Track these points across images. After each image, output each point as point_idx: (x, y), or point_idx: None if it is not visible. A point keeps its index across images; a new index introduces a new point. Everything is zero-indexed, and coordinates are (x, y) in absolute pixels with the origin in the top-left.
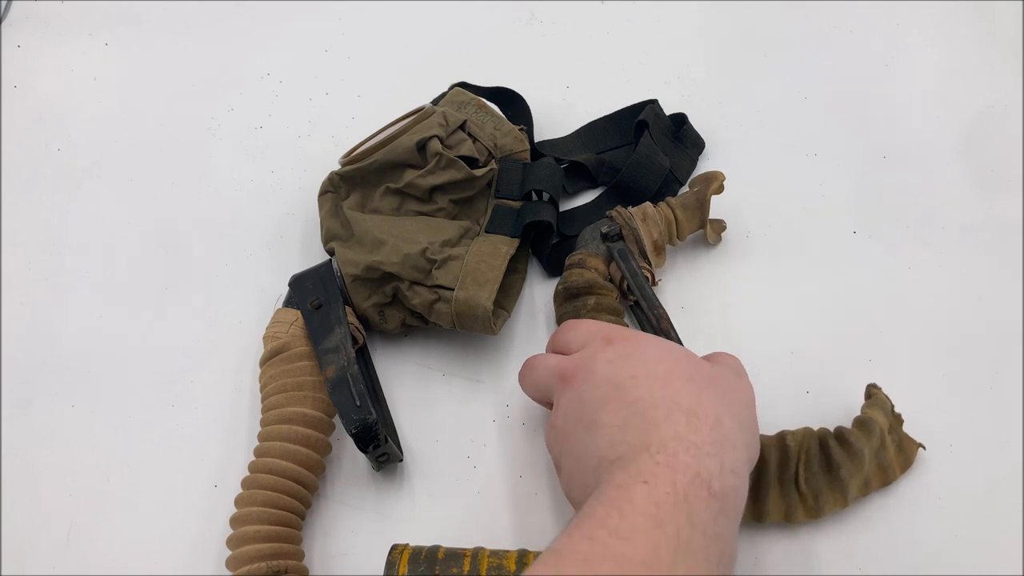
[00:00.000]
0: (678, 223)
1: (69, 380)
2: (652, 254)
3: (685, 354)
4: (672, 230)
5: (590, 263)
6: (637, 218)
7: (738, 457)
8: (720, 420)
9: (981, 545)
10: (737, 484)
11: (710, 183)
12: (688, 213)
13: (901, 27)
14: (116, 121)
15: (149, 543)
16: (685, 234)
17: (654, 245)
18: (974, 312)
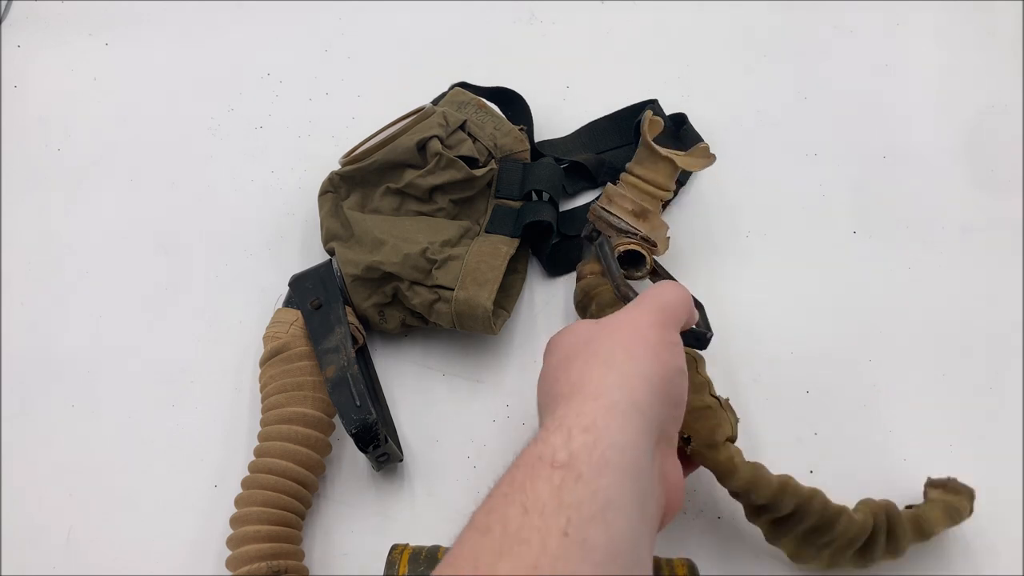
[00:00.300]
0: (645, 179)
1: (69, 380)
2: (638, 223)
3: (584, 328)
4: (645, 188)
5: (586, 271)
6: (603, 204)
7: (603, 405)
8: (581, 383)
9: (981, 545)
10: (595, 437)
11: (644, 121)
12: (647, 164)
13: (901, 27)
14: (116, 121)
15: (149, 543)
16: (665, 182)
17: (633, 214)
18: (974, 312)
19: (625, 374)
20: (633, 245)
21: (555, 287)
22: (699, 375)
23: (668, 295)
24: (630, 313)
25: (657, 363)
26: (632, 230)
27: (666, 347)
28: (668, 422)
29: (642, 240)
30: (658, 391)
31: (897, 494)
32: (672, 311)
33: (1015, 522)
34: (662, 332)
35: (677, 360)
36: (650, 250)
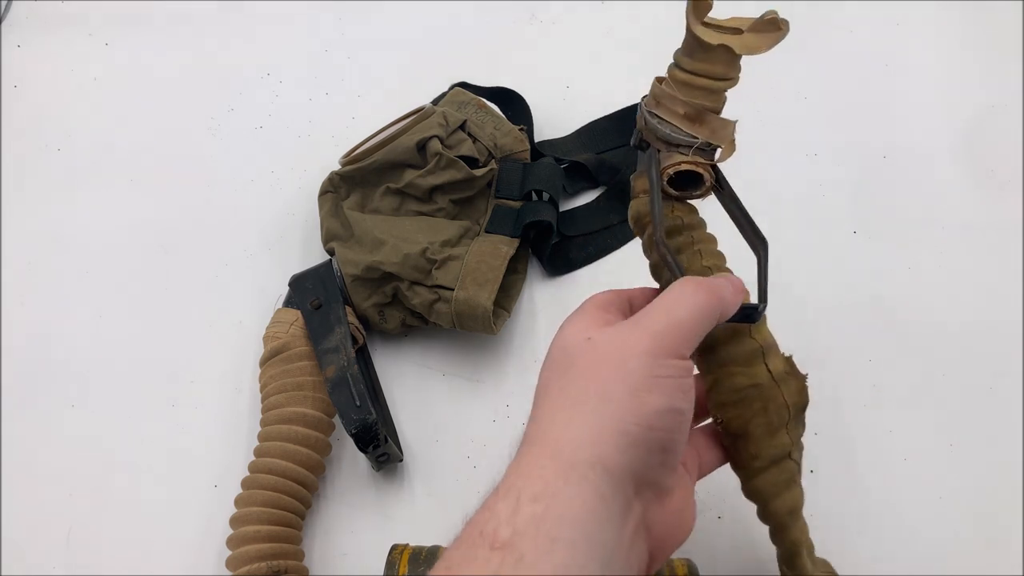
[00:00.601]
0: (694, 72)
1: (69, 380)
2: (692, 129)
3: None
4: (700, 83)
5: (637, 187)
6: (650, 107)
7: (559, 466)
8: (544, 429)
9: (981, 545)
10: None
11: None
12: (698, 55)
13: (901, 27)
14: (116, 121)
15: (149, 543)
16: (725, 71)
17: (686, 119)
18: (974, 312)
19: (592, 425)
20: (687, 164)
21: (555, 287)
22: (752, 340)
23: (680, 310)
24: (622, 334)
25: (638, 408)
26: (687, 140)
27: (654, 385)
28: (654, 469)
29: (699, 151)
30: (637, 441)
31: (897, 494)
32: (680, 333)
33: (1015, 522)
34: (653, 364)
35: (670, 399)
36: (710, 163)
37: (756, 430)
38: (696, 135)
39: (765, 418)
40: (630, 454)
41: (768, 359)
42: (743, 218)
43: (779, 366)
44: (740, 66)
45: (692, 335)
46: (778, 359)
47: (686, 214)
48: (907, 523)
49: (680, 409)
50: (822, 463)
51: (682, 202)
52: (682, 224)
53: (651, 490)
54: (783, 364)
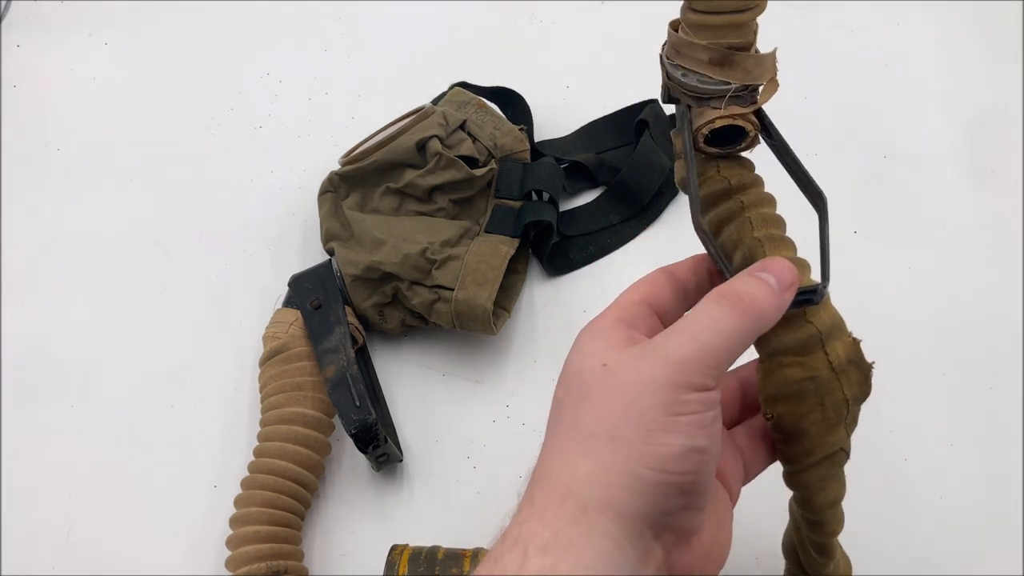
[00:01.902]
0: (710, 11)
1: (69, 380)
2: (724, 73)
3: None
4: (719, 22)
5: (677, 147)
6: (672, 57)
7: (568, 511)
8: (552, 469)
9: (981, 545)
10: (554, 561)
11: None
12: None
13: (901, 27)
14: (116, 121)
15: (149, 543)
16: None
17: (713, 65)
18: (974, 312)
19: (603, 466)
20: (722, 120)
21: (555, 287)
22: (808, 324)
23: (708, 334)
24: (639, 362)
25: (652, 451)
26: (719, 88)
27: (671, 425)
28: (673, 514)
29: (736, 98)
30: (651, 487)
31: (897, 494)
32: (705, 361)
33: (1015, 522)
34: (671, 402)
35: (689, 439)
36: (751, 109)
37: (811, 427)
38: (728, 80)
39: (822, 414)
40: (644, 500)
41: (828, 345)
42: (797, 170)
43: (841, 354)
44: None
45: (721, 363)
46: (840, 345)
47: (734, 173)
48: (907, 523)
49: (702, 448)
50: None
51: (726, 158)
52: (729, 187)
53: (673, 533)
54: (846, 351)
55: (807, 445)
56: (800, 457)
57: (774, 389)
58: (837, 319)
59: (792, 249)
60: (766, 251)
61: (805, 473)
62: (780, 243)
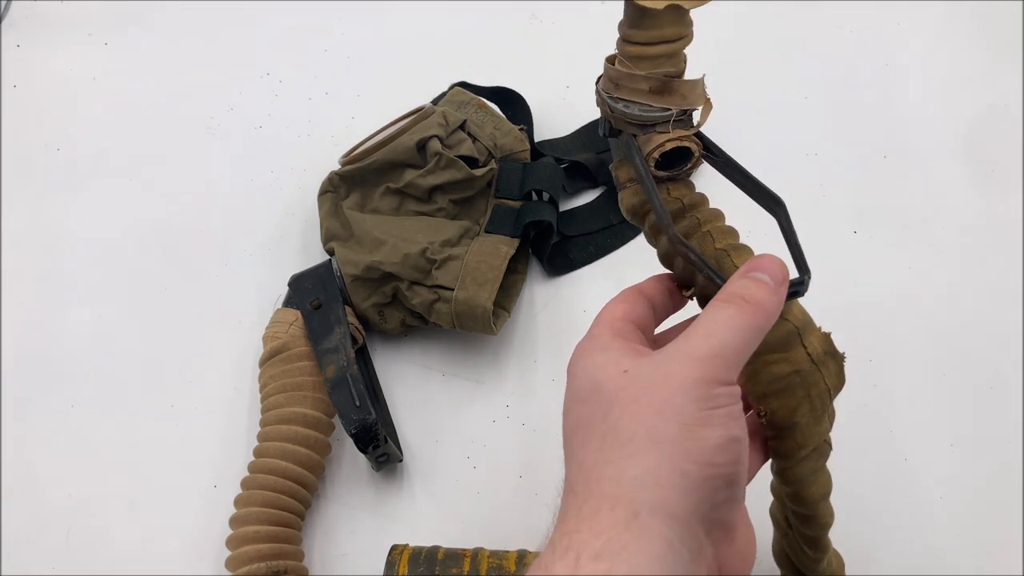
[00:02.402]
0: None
1: (69, 380)
2: (664, 100)
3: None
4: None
5: (622, 178)
6: (611, 91)
7: (620, 517)
8: (595, 475)
9: (981, 545)
10: (609, 566)
11: None
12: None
13: (901, 27)
14: (116, 121)
15: (149, 543)
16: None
17: (653, 94)
18: (974, 312)
19: (650, 467)
20: (670, 143)
21: (555, 287)
22: (786, 321)
23: (722, 332)
24: (663, 365)
25: (695, 445)
26: (661, 115)
27: (708, 418)
28: (721, 507)
29: (677, 122)
30: (699, 481)
31: (897, 494)
32: (725, 357)
33: (1015, 522)
34: (703, 396)
35: (727, 430)
36: (693, 131)
37: (802, 419)
38: (668, 106)
39: (809, 405)
40: (694, 495)
41: (805, 339)
42: (747, 181)
43: (817, 347)
44: (691, 19)
45: (739, 358)
46: (815, 338)
47: (684, 193)
48: (907, 523)
49: (738, 438)
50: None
51: (674, 181)
52: (683, 206)
53: (720, 529)
54: (821, 343)
55: (799, 438)
56: (793, 451)
57: (764, 387)
58: (806, 314)
59: (751, 254)
60: (733, 259)
61: (797, 467)
62: (742, 250)
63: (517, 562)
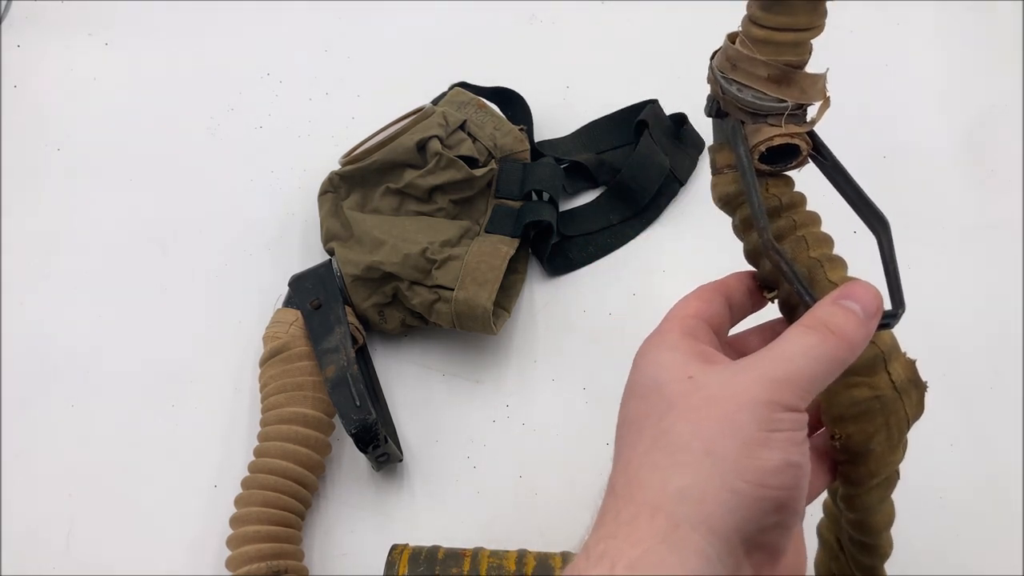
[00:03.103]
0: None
1: (69, 380)
2: (780, 91)
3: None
4: (783, 39)
5: (720, 162)
6: (726, 71)
7: (659, 527)
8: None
9: (981, 545)
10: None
11: None
12: (775, 8)
13: (901, 27)
14: (116, 121)
15: (149, 543)
16: (804, 23)
17: (771, 82)
18: (974, 312)
19: (699, 480)
20: (780, 138)
21: (555, 287)
22: (873, 345)
23: (802, 360)
24: (732, 379)
25: (750, 464)
26: (776, 106)
27: (768, 440)
28: (768, 532)
29: (791, 116)
30: (748, 501)
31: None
32: (799, 385)
33: (1015, 522)
34: (767, 418)
35: (786, 454)
36: (805, 128)
37: (878, 447)
38: (785, 98)
39: (887, 434)
40: (740, 514)
41: (890, 365)
42: (853, 192)
43: (901, 373)
44: (826, 9)
45: (813, 388)
46: (900, 364)
47: (783, 191)
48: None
49: (798, 463)
50: None
51: (775, 176)
52: (780, 205)
53: (764, 552)
54: (905, 371)
55: (872, 466)
56: (864, 479)
57: (842, 409)
58: (894, 339)
59: (845, 269)
60: (826, 272)
61: (867, 495)
62: (837, 263)
63: (517, 562)
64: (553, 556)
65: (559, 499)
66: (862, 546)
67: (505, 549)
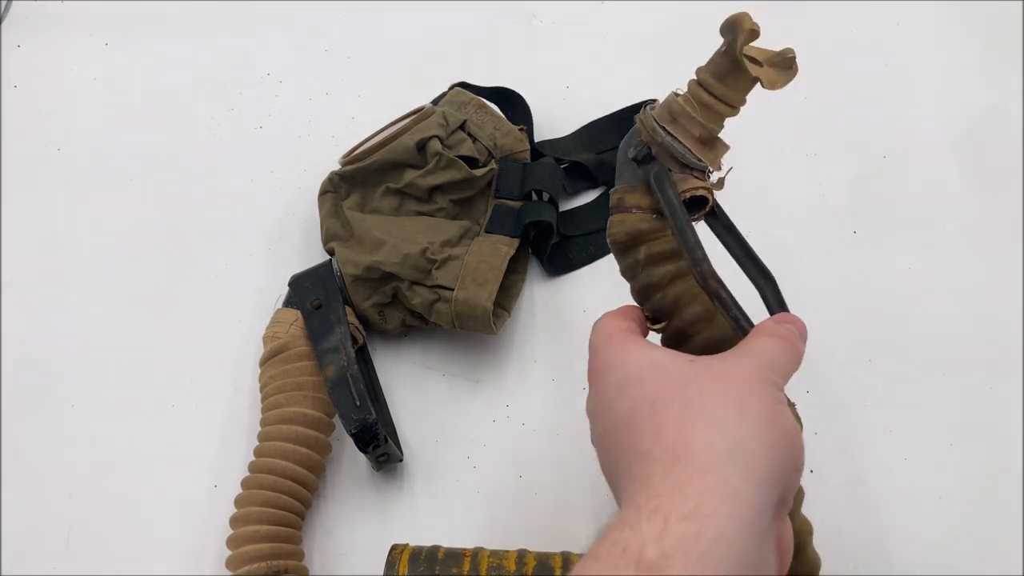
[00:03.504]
0: (721, 98)
1: (69, 380)
2: (703, 153)
3: (671, 361)
4: (717, 110)
5: (629, 201)
6: (664, 122)
7: (711, 482)
8: (682, 445)
9: (981, 545)
10: (698, 529)
11: (736, 32)
12: (728, 80)
13: (901, 27)
14: (116, 121)
15: (149, 543)
16: (738, 102)
17: (700, 143)
18: (974, 312)
19: (740, 439)
20: (702, 190)
21: (555, 287)
22: None
23: (775, 352)
24: (739, 362)
25: (777, 424)
26: (699, 163)
27: (781, 407)
28: (787, 490)
29: (707, 175)
30: (782, 457)
31: (897, 494)
32: (779, 374)
33: (1015, 522)
34: (776, 391)
35: (793, 421)
36: (718, 188)
37: None
38: (704, 159)
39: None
40: (776, 470)
41: None
42: (741, 249)
43: None
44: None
45: (786, 378)
46: None
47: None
48: (907, 523)
49: (801, 432)
50: (822, 463)
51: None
52: (676, 249)
53: (783, 507)
54: None
55: None
56: None
57: None
58: None
59: None
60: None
61: None
62: None
63: (517, 562)
64: (553, 556)
65: (559, 499)
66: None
67: (505, 549)
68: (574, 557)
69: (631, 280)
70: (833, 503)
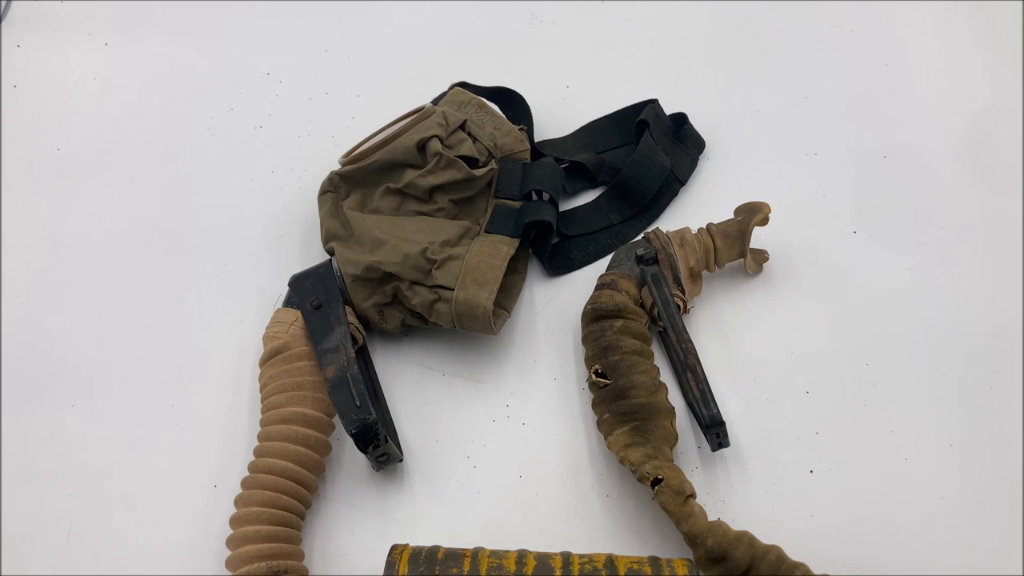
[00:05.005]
0: (717, 251)
1: (69, 380)
2: (687, 281)
3: None
4: (710, 257)
5: (622, 285)
6: (675, 243)
7: None
8: None
9: (981, 545)
10: None
11: (754, 214)
12: (728, 242)
13: (901, 27)
14: (116, 121)
15: (149, 543)
16: (723, 262)
17: (690, 272)
18: (974, 312)
19: None
20: (679, 300)
21: (555, 287)
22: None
23: None
24: None
25: None
26: (680, 287)
27: None
28: None
29: (683, 299)
30: None
31: (897, 494)
32: None
33: (1015, 522)
34: None
35: None
36: (690, 305)
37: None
38: (684, 285)
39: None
40: None
41: None
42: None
43: None
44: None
45: None
46: None
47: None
48: (907, 523)
49: None
50: (822, 463)
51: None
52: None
53: None
54: None
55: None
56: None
57: None
58: None
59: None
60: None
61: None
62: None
63: (517, 562)
64: (553, 556)
65: (559, 499)
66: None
67: (505, 549)
68: (574, 557)
69: (596, 340)
70: (833, 503)
